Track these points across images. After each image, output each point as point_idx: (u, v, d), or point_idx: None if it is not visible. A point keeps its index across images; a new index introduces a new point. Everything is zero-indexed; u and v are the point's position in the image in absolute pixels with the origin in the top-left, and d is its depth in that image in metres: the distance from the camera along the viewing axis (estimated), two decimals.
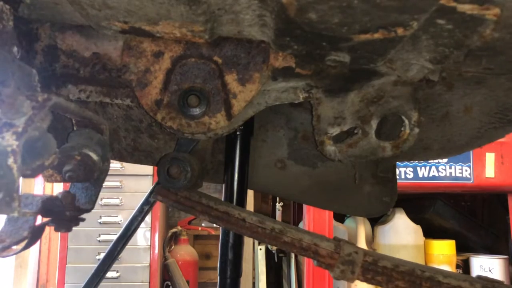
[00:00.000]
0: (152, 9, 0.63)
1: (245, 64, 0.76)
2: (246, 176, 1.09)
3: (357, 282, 0.90)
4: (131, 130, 1.03)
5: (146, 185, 3.84)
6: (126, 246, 4.19)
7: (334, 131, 0.85)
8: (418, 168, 2.80)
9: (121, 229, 0.98)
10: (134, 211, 0.98)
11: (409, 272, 0.82)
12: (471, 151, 2.74)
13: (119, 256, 4.04)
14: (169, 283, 4.03)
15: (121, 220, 3.85)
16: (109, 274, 3.75)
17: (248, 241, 3.81)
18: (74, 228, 0.73)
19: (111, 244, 0.99)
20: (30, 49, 0.77)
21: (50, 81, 0.79)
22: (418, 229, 2.90)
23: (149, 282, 3.79)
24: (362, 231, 2.85)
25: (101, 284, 4.08)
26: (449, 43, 0.69)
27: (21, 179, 0.52)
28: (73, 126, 0.73)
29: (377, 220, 3.05)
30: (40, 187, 4.15)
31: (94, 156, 0.70)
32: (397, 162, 1.21)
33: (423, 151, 1.03)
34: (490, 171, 2.74)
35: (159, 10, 0.63)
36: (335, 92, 0.83)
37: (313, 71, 0.78)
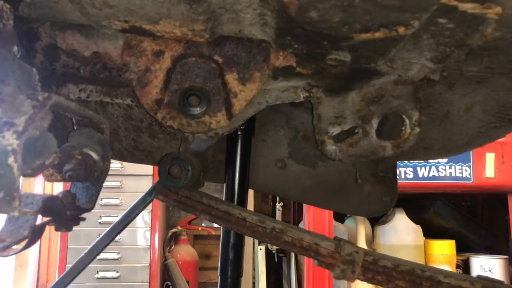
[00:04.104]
0: (153, 8, 0.63)
1: (246, 63, 0.76)
2: (247, 175, 1.09)
3: (358, 281, 0.90)
4: (131, 129, 1.03)
5: (146, 185, 3.84)
6: (126, 246, 4.15)
7: (335, 130, 0.85)
8: (418, 168, 2.80)
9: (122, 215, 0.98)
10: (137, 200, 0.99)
11: (410, 272, 0.82)
12: (471, 151, 2.74)
13: (119, 256, 4.01)
14: (169, 283, 4.03)
15: None
16: (109, 274, 3.76)
17: (248, 241, 3.80)
18: (74, 228, 0.73)
19: (110, 226, 0.99)
20: (31, 48, 0.77)
21: (50, 80, 0.79)
22: (418, 229, 2.89)
23: (149, 282, 3.79)
24: (362, 231, 2.85)
25: (101, 284, 4.07)
26: (450, 42, 0.69)
27: (21, 178, 0.51)
28: (74, 125, 0.73)
29: (377, 220, 3.05)
30: (40, 186, 4.15)
31: (94, 156, 0.70)
32: (397, 162, 1.20)
33: (423, 151, 1.03)
34: (490, 171, 2.74)
35: (159, 9, 0.63)
36: (335, 91, 0.83)
37: (313, 71, 0.78)
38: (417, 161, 2.75)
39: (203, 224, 4.55)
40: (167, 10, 0.63)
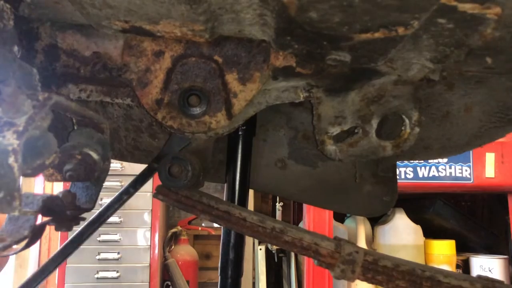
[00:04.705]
0: (153, 8, 0.63)
1: (246, 63, 0.76)
2: (248, 176, 1.09)
3: (357, 281, 0.90)
4: (131, 129, 1.03)
5: (146, 185, 3.82)
6: (126, 246, 4.13)
7: (335, 130, 0.85)
8: (418, 168, 2.80)
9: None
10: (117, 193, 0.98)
11: (410, 272, 0.82)
12: (471, 151, 2.74)
13: (119, 256, 3.99)
14: (169, 283, 4.03)
15: (121, 220, 3.85)
16: (109, 274, 3.76)
17: (248, 241, 3.81)
18: (74, 228, 0.73)
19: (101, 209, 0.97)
20: (31, 48, 0.77)
21: (50, 80, 0.79)
22: (418, 229, 2.90)
23: (149, 282, 3.79)
24: (362, 231, 2.85)
25: (101, 284, 4.06)
26: (450, 42, 0.69)
27: (21, 178, 0.52)
28: (74, 125, 0.73)
29: (377, 220, 3.05)
30: (40, 186, 4.15)
31: (94, 155, 0.70)
32: (397, 162, 1.21)
33: (423, 151, 1.03)
34: (490, 171, 2.74)
35: (159, 9, 0.63)
36: (335, 91, 0.83)
37: (313, 71, 0.78)
38: (417, 161, 2.75)
39: (203, 224, 4.55)
40: (167, 10, 0.63)
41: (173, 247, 4.24)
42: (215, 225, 4.16)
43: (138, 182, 0.97)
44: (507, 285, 0.84)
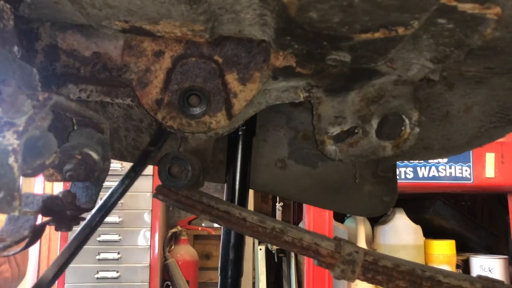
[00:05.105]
0: (153, 9, 0.63)
1: (246, 63, 0.76)
2: (248, 176, 1.09)
3: (358, 281, 0.90)
4: (131, 129, 1.03)
5: (146, 185, 3.84)
6: (126, 246, 4.13)
7: (335, 130, 0.85)
8: (418, 168, 2.80)
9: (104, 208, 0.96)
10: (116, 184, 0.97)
11: (410, 272, 0.82)
12: (471, 151, 2.74)
13: (119, 256, 3.99)
14: (169, 283, 4.03)
15: (121, 221, 3.85)
16: (109, 274, 3.76)
17: (248, 241, 3.81)
18: (74, 228, 0.73)
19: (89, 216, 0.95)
20: (31, 48, 0.77)
21: (50, 80, 0.79)
22: (418, 229, 2.90)
23: (149, 282, 3.79)
24: (362, 231, 2.85)
25: (101, 284, 4.05)
26: (450, 42, 0.69)
27: (21, 178, 0.52)
28: (74, 125, 0.73)
29: (377, 220, 3.05)
30: (40, 186, 4.15)
31: (94, 156, 0.70)
32: (397, 162, 1.21)
33: (423, 151, 1.03)
34: (490, 171, 2.74)
35: (159, 9, 0.63)
36: (335, 91, 0.83)
37: (313, 71, 0.78)
38: (417, 161, 2.75)
39: (203, 224, 4.55)
40: (167, 10, 0.63)
41: (173, 247, 4.24)
42: (215, 225, 4.16)
43: (137, 166, 0.95)
44: (507, 285, 0.84)
